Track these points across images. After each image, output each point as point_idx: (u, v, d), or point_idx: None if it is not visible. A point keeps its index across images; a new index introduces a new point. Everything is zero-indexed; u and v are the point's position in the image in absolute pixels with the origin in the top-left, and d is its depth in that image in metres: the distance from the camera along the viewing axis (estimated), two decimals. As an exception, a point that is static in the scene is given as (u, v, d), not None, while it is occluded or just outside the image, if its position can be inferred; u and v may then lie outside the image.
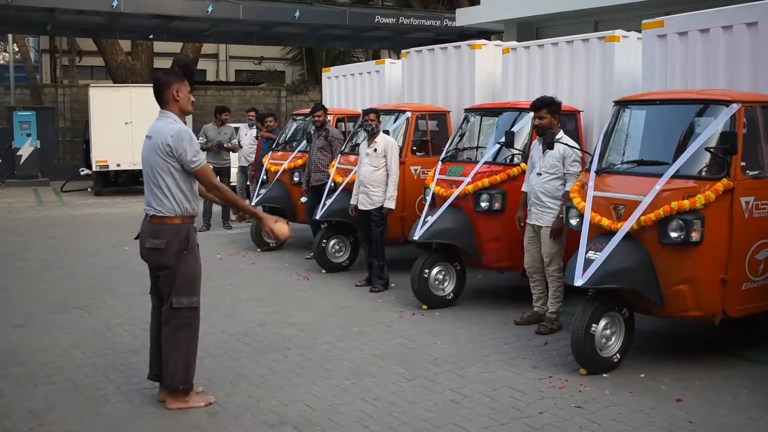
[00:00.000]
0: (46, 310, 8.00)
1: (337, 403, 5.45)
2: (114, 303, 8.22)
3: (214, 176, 5.43)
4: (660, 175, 5.98)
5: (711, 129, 6.02)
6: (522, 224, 7.46)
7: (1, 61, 36.34)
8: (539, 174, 7.15)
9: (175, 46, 27.40)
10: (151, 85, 5.44)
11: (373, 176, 8.68)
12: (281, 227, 5.41)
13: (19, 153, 21.72)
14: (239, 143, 14.26)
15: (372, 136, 8.75)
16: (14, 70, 26.39)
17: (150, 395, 5.58)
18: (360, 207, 8.82)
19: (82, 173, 21.01)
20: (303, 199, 10.88)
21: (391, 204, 8.73)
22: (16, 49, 29.05)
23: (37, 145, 21.86)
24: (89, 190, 20.38)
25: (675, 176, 5.95)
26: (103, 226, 14.22)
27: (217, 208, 13.60)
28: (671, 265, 5.91)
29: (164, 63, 27.95)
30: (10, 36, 28.20)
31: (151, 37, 23.58)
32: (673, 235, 5.81)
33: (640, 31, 8.22)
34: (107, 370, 6.13)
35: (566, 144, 7.13)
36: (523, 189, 7.51)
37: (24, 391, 5.65)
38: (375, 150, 8.69)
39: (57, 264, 10.54)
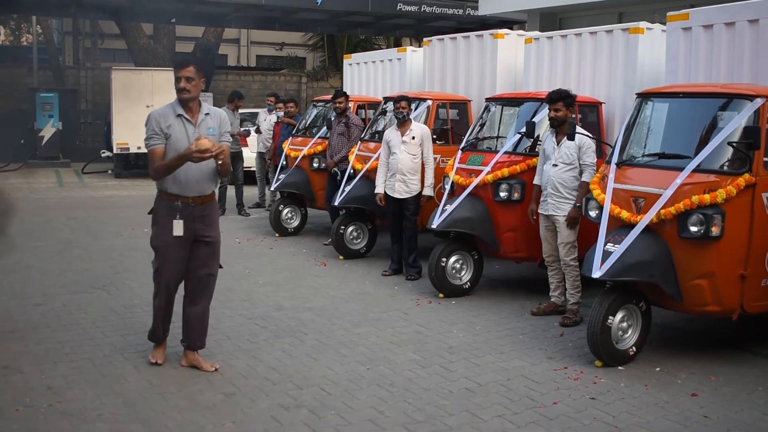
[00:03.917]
0: (66, 290, 8.08)
1: (352, 388, 5.48)
2: (132, 284, 8.28)
3: (155, 162, 5.52)
4: (681, 169, 5.95)
5: (734, 123, 5.98)
6: (535, 217, 7.45)
7: (25, 43, 36.55)
8: (555, 165, 7.13)
9: (197, 30, 27.43)
10: (173, 68, 5.53)
11: (412, 164, 8.69)
12: (201, 142, 5.29)
13: (41, 134, 21.87)
14: (258, 129, 14.35)
15: (404, 124, 8.74)
16: (37, 51, 26.54)
17: (168, 375, 5.64)
18: (396, 196, 8.80)
19: (102, 155, 21.15)
20: (334, 169, 10.70)
21: (430, 191, 8.75)
22: (40, 31, 29.21)
23: (58, 127, 22.00)
24: (110, 172, 20.51)
25: (696, 170, 5.91)
26: (123, 208, 14.32)
27: (231, 194, 13.66)
28: (690, 259, 5.89)
29: (186, 47, 28.04)
30: (33, 18, 28.34)
31: (173, 20, 23.63)
32: (693, 229, 5.79)
33: (664, 24, 8.16)
34: (125, 350, 6.19)
35: (583, 134, 7.13)
36: (535, 182, 7.49)
37: (43, 368, 5.72)
38: (413, 138, 8.68)
39: (77, 244, 10.63)
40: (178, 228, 5.59)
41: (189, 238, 5.66)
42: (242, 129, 14.07)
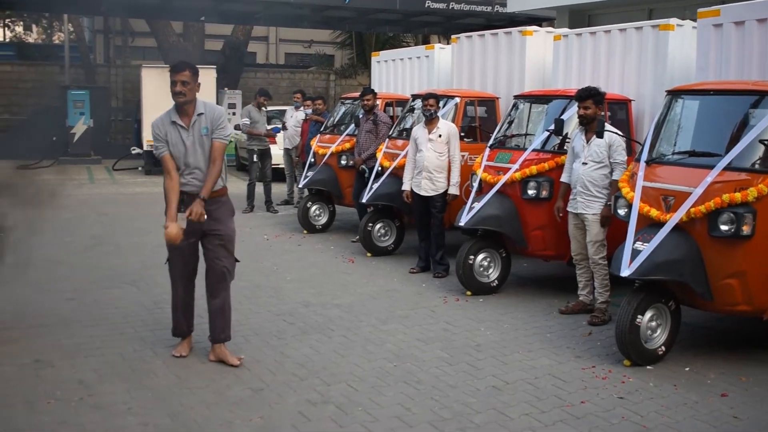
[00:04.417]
0: (97, 285, 8.18)
1: (379, 385, 5.50)
2: (162, 280, 8.30)
3: (166, 169, 5.78)
4: (712, 167, 5.89)
5: (765, 121, 5.90)
6: (561, 215, 7.42)
7: (57, 41, 36.96)
8: (584, 163, 7.09)
9: (226, 28, 27.60)
10: (202, 66, 5.67)
11: (438, 162, 8.67)
12: (168, 233, 5.59)
13: (72, 131, 22.09)
14: (284, 125, 14.42)
15: (432, 121, 8.73)
16: (69, 49, 26.83)
17: (196, 370, 5.70)
18: (422, 193, 8.79)
19: (133, 152, 21.32)
20: (362, 167, 10.74)
21: (456, 190, 8.73)
22: (71, 30, 29.53)
23: (90, 124, 22.21)
24: (140, 169, 20.69)
25: (727, 168, 5.85)
26: (153, 205, 14.36)
27: (259, 190, 13.74)
28: (720, 258, 5.83)
29: (215, 45, 28.21)
30: (65, 16, 28.67)
31: (203, 18, 23.79)
32: (724, 228, 5.73)
33: (695, 20, 8.08)
34: (155, 345, 6.25)
35: (612, 131, 7.08)
36: (562, 180, 7.46)
37: (75, 362, 5.80)
38: (439, 136, 8.67)
39: (108, 240, 10.74)
40: (181, 221, 5.73)
41: (196, 231, 5.77)
42: (270, 127, 14.16)
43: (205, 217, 5.64)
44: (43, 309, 7.22)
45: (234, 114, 21.49)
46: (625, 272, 5.86)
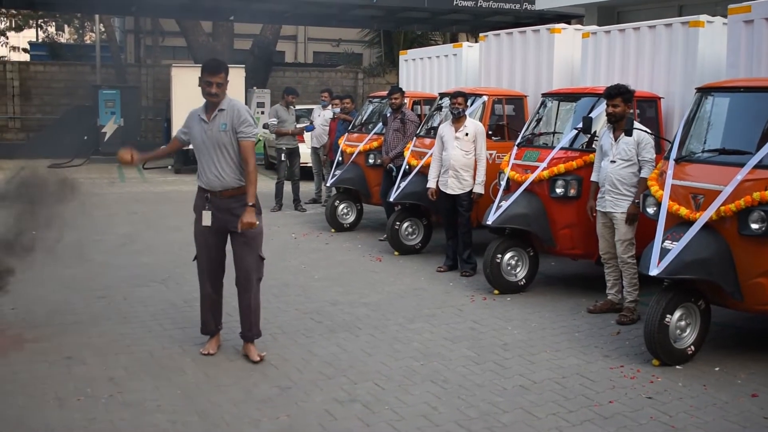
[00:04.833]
0: (127, 283, 8.26)
1: (405, 384, 5.50)
2: (192, 278, 8.36)
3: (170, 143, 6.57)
4: (742, 165, 5.83)
5: (797, 118, 5.83)
6: (594, 214, 7.37)
7: (88, 41, 37.38)
8: (613, 162, 7.04)
9: (255, 28, 27.75)
10: (232, 65, 5.75)
11: (465, 161, 8.65)
12: (121, 152, 6.07)
13: (103, 130, 22.34)
14: (311, 124, 14.45)
15: (459, 119, 8.72)
16: (100, 49, 27.13)
17: (225, 368, 5.74)
18: (448, 192, 8.78)
19: (162, 151, 21.49)
20: (390, 165, 10.74)
21: (481, 189, 8.72)
22: (103, 30, 29.85)
23: (120, 123, 22.45)
24: (170, 167, 20.87)
25: (758, 166, 5.78)
26: (183, 203, 14.49)
27: (287, 189, 13.78)
28: (751, 257, 5.77)
29: (244, 44, 28.36)
30: (96, 17, 28.99)
31: (232, 18, 23.94)
32: (754, 226, 5.67)
33: (725, 17, 7.99)
34: (184, 343, 6.31)
35: (640, 129, 7.02)
36: (592, 179, 7.41)
37: (105, 360, 5.87)
38: (466, 134, 8.65)
39: (138, 239, 10.84)
40: (206, 218, 5.87)
41: (220, 228, 5.85)
42: (302, 125, 14.23)
43: (257, 223, 5.70)
44: (74, 307, 7.31)
45: (263, 113, 21.61)
46: (654, 271, 5.82)
